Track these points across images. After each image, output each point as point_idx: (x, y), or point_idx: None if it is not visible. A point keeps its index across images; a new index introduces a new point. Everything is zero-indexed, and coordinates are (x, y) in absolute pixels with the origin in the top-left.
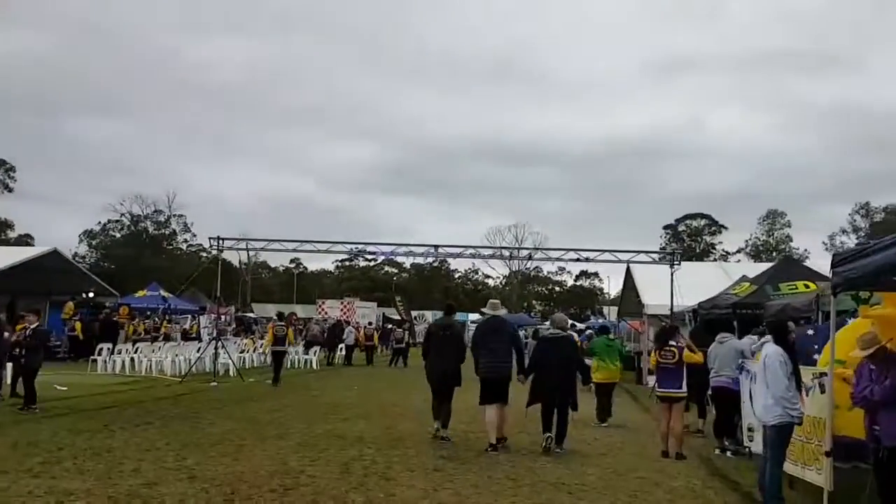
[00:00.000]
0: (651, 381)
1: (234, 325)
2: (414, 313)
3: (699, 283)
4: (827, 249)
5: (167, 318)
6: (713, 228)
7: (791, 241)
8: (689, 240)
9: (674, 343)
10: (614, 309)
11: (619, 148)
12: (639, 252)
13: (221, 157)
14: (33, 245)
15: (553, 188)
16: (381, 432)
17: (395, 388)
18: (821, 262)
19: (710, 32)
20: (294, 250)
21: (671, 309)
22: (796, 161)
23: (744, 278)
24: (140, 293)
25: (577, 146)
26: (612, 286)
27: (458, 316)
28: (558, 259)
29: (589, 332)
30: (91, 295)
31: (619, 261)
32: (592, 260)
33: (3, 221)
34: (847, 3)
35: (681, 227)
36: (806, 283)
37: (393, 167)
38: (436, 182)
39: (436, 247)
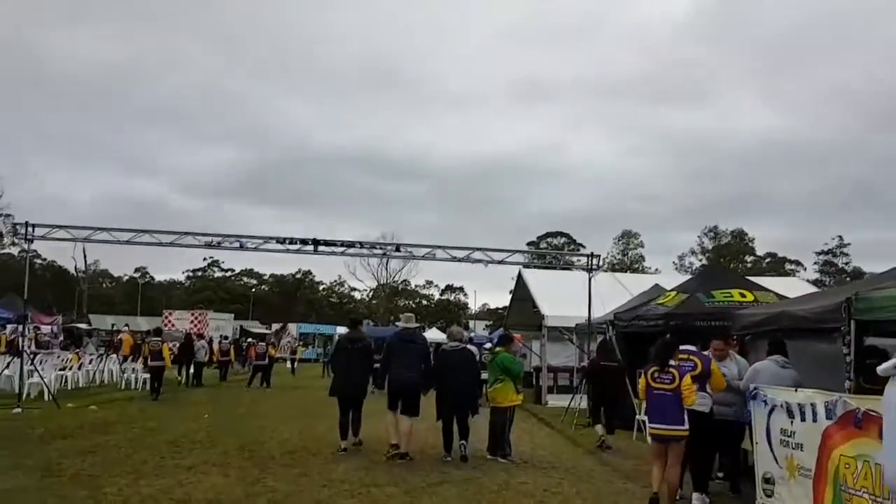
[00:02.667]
0: (552, 399)
1: (61, 338)
2: (275, 326)
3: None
4: (677, 269)
5: None
6: (572, 247)
7: (644, 260)
8: (550, 257)
9: (674, 364)
10: (481, 323)
11: (487, 165)
12: (513, 252)
13: (70, 155)
14: None
15: (422, 202)
16: (244, 491)
17: (258, 415)
18: (673, 282)
19: (573, 59)
20: (128, 242)
21: (588, 321)
22: (648, 185)
23: (657, 288)
24: None
25: (447, 161)
26: (478, 300)
27: (324, 329)
28: (426, 256)
29: (488, 345)
30: None
31: (492, 261)
32: (464, 259)
33: None
34: (697, 38)
35: (542, 245)
36: (741, 290)
37: (257, 173)
38: (303, 191)
39: (315, 242)
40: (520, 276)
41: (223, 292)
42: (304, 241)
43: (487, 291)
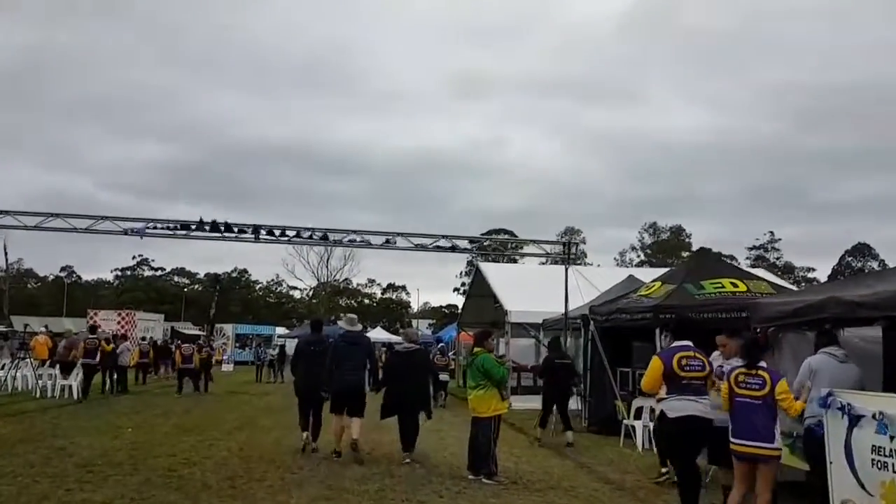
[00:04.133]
0: (516, 401)
1: None
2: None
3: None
4: (619, 265)
5: None
6: (514, 244)
7: (586, 256)
8: (495, 254)
9: (764, 365)
10: (424, 322)
11: (426, 161)
12: (463, 238)
13: None
14: None
15: (361, 199)
16: None
17: (190, 428)
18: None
19: (512, 56)
20: (37, 227)
21: (566, 315)
22: (586, 183)
23: (632, 279)
24: None
25: (385, 157)
26: (421, 298)
27: (261, 329)
28: (384, 245)
29: (441, 345)
30: None
31: (451, 248)
32: (421, 248)
33: None
34: (630, 37)
35: (487, 242)
36: (732, 280)
37: (187, 170)
38: (235, 189)
39: (256, 230)
40: (477, 270)
41: (153, 292)
42: (242, 229)
43: (430, 290)
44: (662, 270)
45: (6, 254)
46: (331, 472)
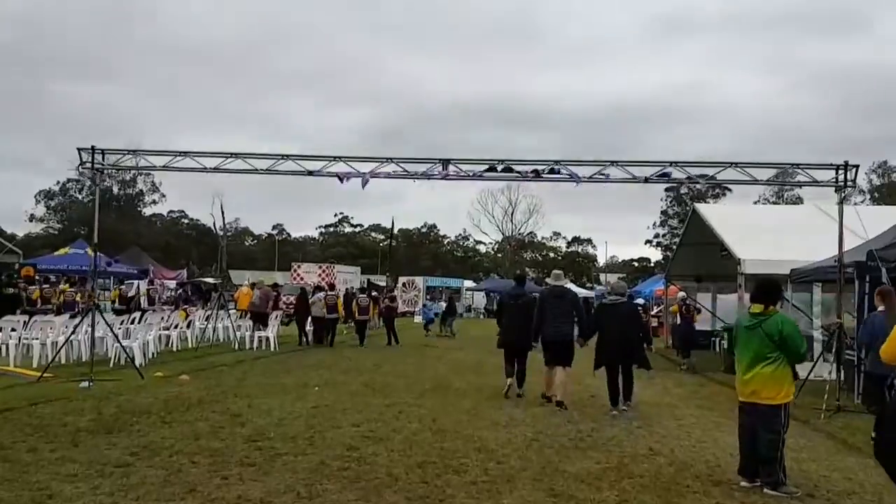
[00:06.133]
0: None
1: (180, 292)
2: (402, 280)
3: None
4: None
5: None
6: (716, 191)
7: (802, 201)
8: (691, 202)
9: None
10: (613, 276)
11: (619, 110)
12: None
13: (209, 122)
14: None
15: (552, 152)
16: None
17: (376, 390)
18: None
19: None
20: (215, 169)
21: (840, 262)
22: (801, 124)
23: None
24: (62, 251)
25: (576, 109)
26: (609, 252)
27: (451, 282)
28: (587, 178)
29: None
30: None
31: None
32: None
33: None
34: None
35: (683, 190)
36: None
37: (380, 131)
38: (425, 147)
39: (445, 161)
40: (693, 213)
41: (353, 247)
42: (492, 165)
43: (616, 244)
44: None
45: (223, 214)
46: (548, 462)
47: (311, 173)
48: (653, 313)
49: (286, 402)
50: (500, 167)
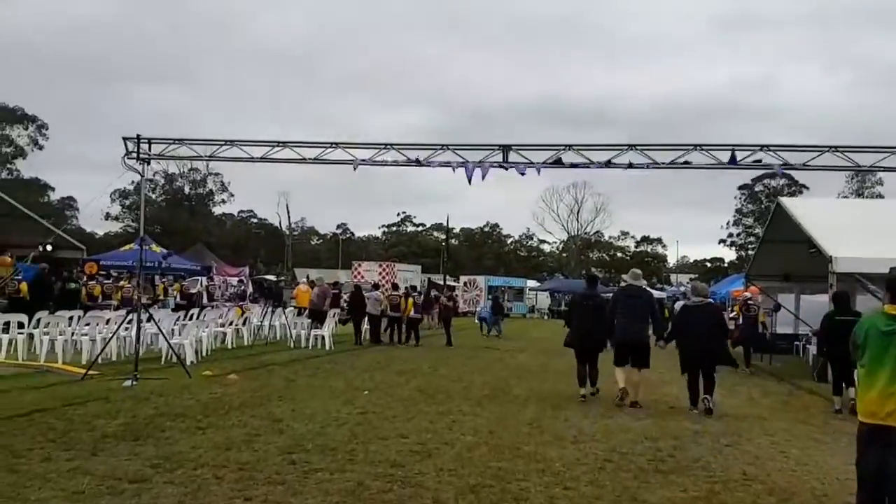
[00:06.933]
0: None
1: (243, 288)
2: (464, 279)
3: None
4: None
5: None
6: (793, 189)
7: (882, 197)
8: (767, 200)
9: None
10: (684, 277)
11: (684, 107)
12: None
13: (271, 121)
14: None
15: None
16: None
17: (429, 395)
18: None
19: None
20: (262, 158)
21: None
22: (877, 120)
23: None
24: (126, 247)
25: (640, 106)
26: (679, 251)
27: (513, 282)
28: (667, 164)
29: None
30: (48, 248)
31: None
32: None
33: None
34: None
35: (757, 188)
36: None
37: (441, 130)
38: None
39: (505, 148)
40: (778, 207)
41: (416, 246)
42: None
43: (686, 244)
44: None
45: (288, 213)
46: (624, 489)
47: (361, 163)
48: (731, 316)
49: (332, 407)
50: (563, 155)
